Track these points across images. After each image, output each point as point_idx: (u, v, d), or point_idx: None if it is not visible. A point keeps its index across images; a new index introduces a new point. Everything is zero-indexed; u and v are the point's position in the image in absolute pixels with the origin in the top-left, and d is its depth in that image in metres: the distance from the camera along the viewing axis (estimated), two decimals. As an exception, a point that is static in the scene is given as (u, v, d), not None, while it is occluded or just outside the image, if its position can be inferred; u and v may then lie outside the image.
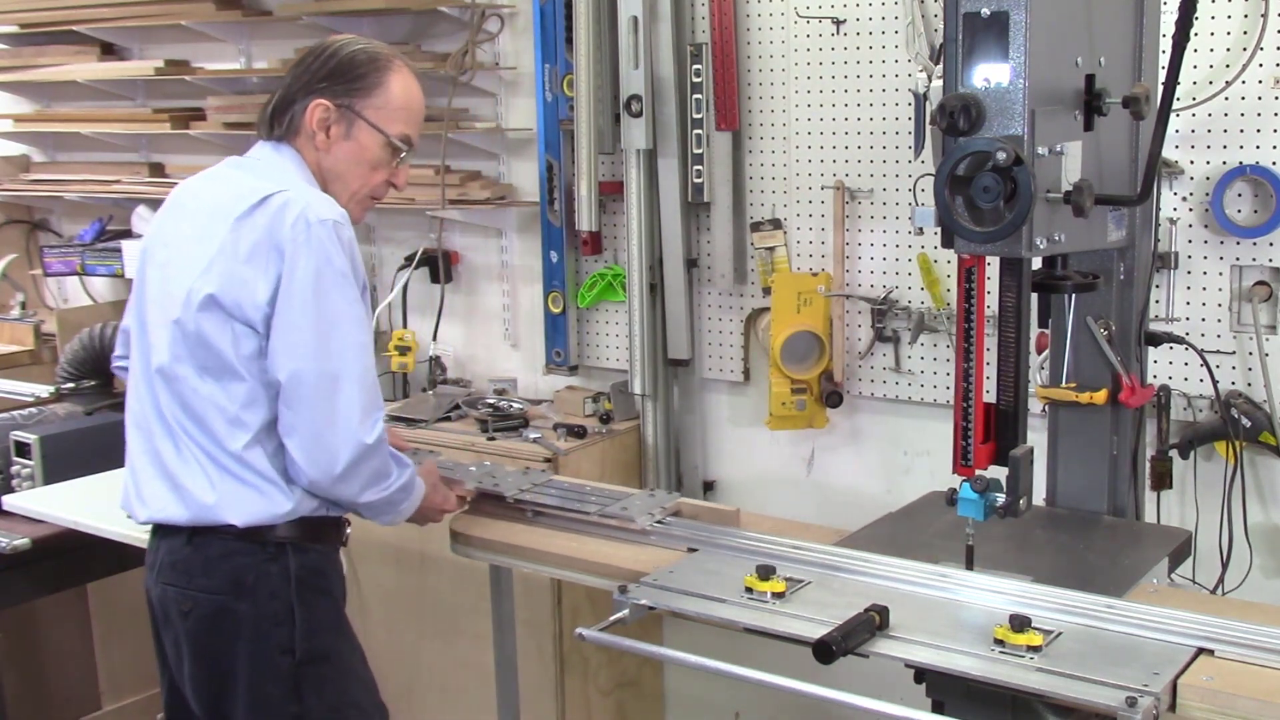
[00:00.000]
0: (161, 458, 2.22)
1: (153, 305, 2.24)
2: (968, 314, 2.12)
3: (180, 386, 2.18)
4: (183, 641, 2.24)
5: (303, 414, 2.12)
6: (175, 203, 2.33)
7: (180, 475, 2.19)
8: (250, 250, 2.12)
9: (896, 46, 3.09)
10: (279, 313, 2.11)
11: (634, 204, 3.41)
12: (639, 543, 2.47)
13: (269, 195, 2.15)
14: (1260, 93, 2.71)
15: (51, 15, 4.37)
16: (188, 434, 2.19)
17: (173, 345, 2.17)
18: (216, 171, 2.33)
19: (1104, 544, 2.40)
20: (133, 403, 2.30)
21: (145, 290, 2.27)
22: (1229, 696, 1.81)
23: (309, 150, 2.26)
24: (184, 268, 2.18)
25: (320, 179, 2.26)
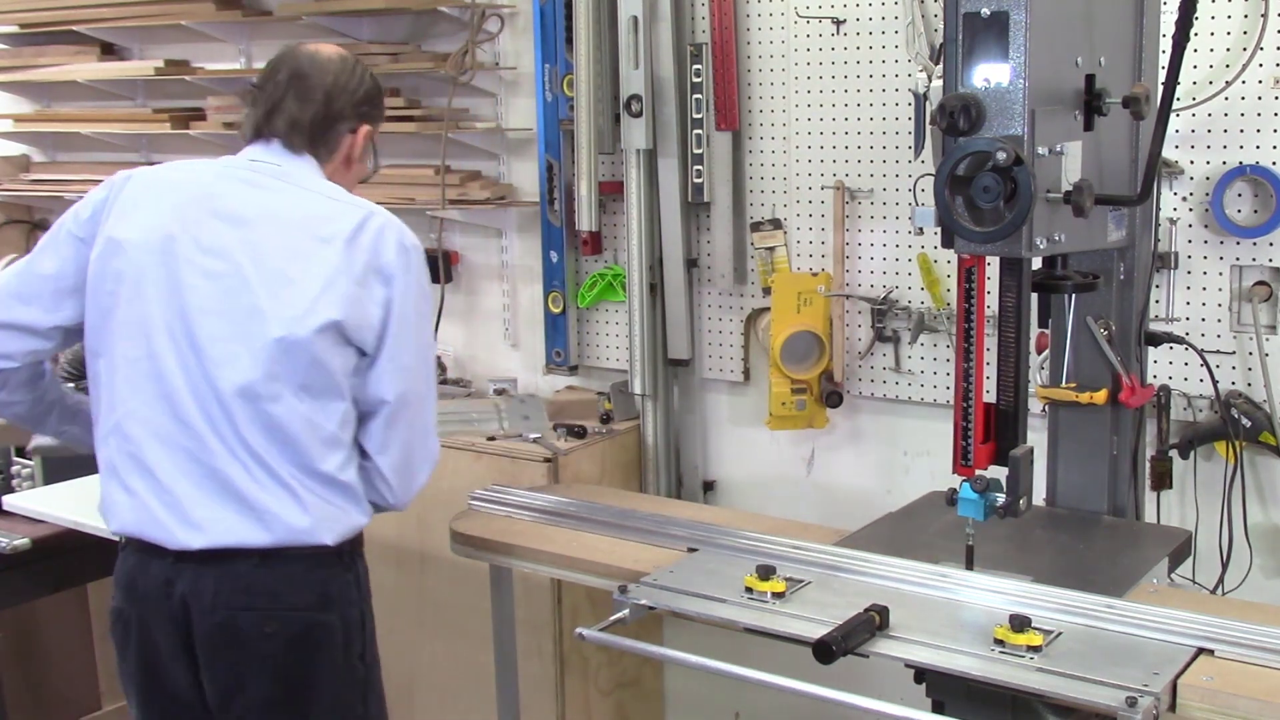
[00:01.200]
0: (227, 480, 2.10)
1: (211, 318, 2.11)
2: (968, 314, 2.12)
3: (269, 406, 2.09)
4: (254, 664, 2.14)
5: (400, 433, 2.19)
6: (213, 209, 2.16)
7: (257, 498, 2.10)
8: (362, 273, 2.13)
9: (896, 46, 3.09)
10: (391, 336, 2.15)
11: (634, 204, 3.41)
12: (639, 542, 2.47)
13: (367, 217, 2.16)
14: (1260, 93, 2.71)
15: (51, 15, 4.37)
16: (270, 455, 2.10)
17: (269, 364, 2.08)
18: (248, 178, 2.21)
19: (1104, 544, 2.40)
20: (155, 416, 2.12)
21: (186, 299, 2.12)
22: (1229, 696, 1.81)
23: (327, 164, 2.27)
24: (284, 285, 2.10)
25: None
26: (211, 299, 2.11)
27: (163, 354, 2.11)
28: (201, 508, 2.10)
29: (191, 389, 2.10)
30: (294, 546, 2.12)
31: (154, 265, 2.13)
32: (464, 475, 3.32)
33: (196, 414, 2.10)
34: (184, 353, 2.11)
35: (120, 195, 2.19)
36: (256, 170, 2.22)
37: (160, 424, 2.11)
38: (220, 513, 2.10)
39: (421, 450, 2.24)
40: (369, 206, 2.20)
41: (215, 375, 2.09)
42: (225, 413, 2.09)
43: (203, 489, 2.10)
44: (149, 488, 2.12)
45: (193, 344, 2.11)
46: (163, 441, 2.11)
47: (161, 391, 2.11)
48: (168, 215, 2.16)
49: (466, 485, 2.91)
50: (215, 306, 2.11)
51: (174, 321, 2.11)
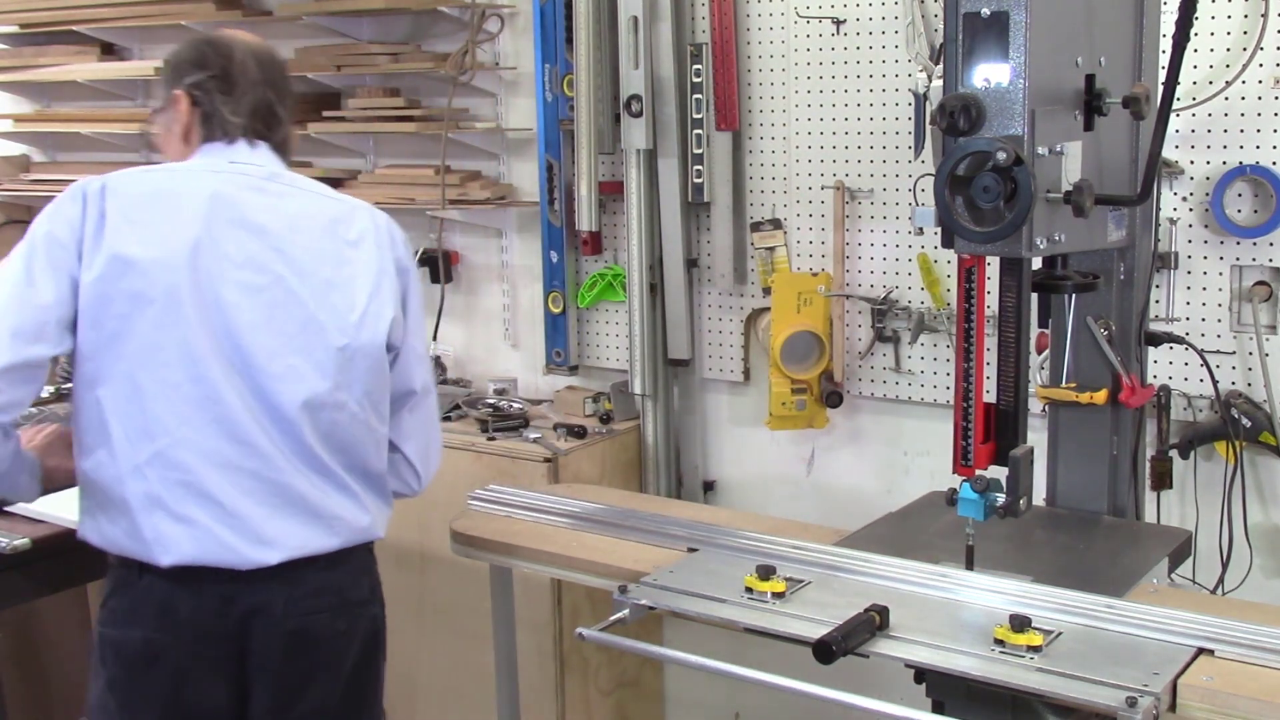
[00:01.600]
0: (295, 493, 2.07)
1: (263, 333, 2.04)
2: (968, 314, 2.12)
3: (335, 415, 2.08)
4: (324, 666, 2.14)
5: (422, 419, 2.28)
6: (232, 219, 2.07)
7: (324, 506, 2.10)
8: (394, 270, 2.20)
9: (896, 46, 3.09)
10: (410, 330, 2.22)
11: (634, 204, 3.41)
12: (639, 542, 2.47)
13: (372, 213, 2.21)
14: (1260, 93, 2.71)
15: (51, 15, 4.36)
16: (334, 462, 2.10)
17: (335, 374, 2.08)
18: (254, 185, 2.12)
19: (1104, 544, 2.40)
20: (210, 441, 2.03)
21: (231, 317, 2.03)
22: (1229, 696, 1.81)
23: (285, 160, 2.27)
24: (332, 292, 2.09)
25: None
26: (259, 314, 2.04)
27: (214, 378, 2.02)
28: (271, 524, 2.05)
29: (249, 409, 2.03)
30: (353, 546, 2.16)
31: (185, 284, 2.01)
32: (464, 475, 3.32)
33: (259, 433, 2.04)
34: (238, 373, 2.03)
35: (107, 209, 2.01)
36: (252, 174, 2.14)
37: (218, 448, 2.03)
38: (291, 525, 2.07)
39: (437, 435, 2.34)
40: (361, 202, 2.24)
41: (277, 391, 2.04)
42: (289, 428, 2.06)
43: (269, 505, 2.05)
44: (212, 515, 2.03)
45: (247, 363, 2.03)
46: (222, 466, 2.03)
47: (215, 415, 2.02)
48: (186, 228, 2.03)
49: (466, 485, 2.91)
50: (264, 322, 2.04)
51: (223, 342, 2.03)
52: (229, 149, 2.16)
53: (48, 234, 2.01)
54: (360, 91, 3.83)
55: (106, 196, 2.02)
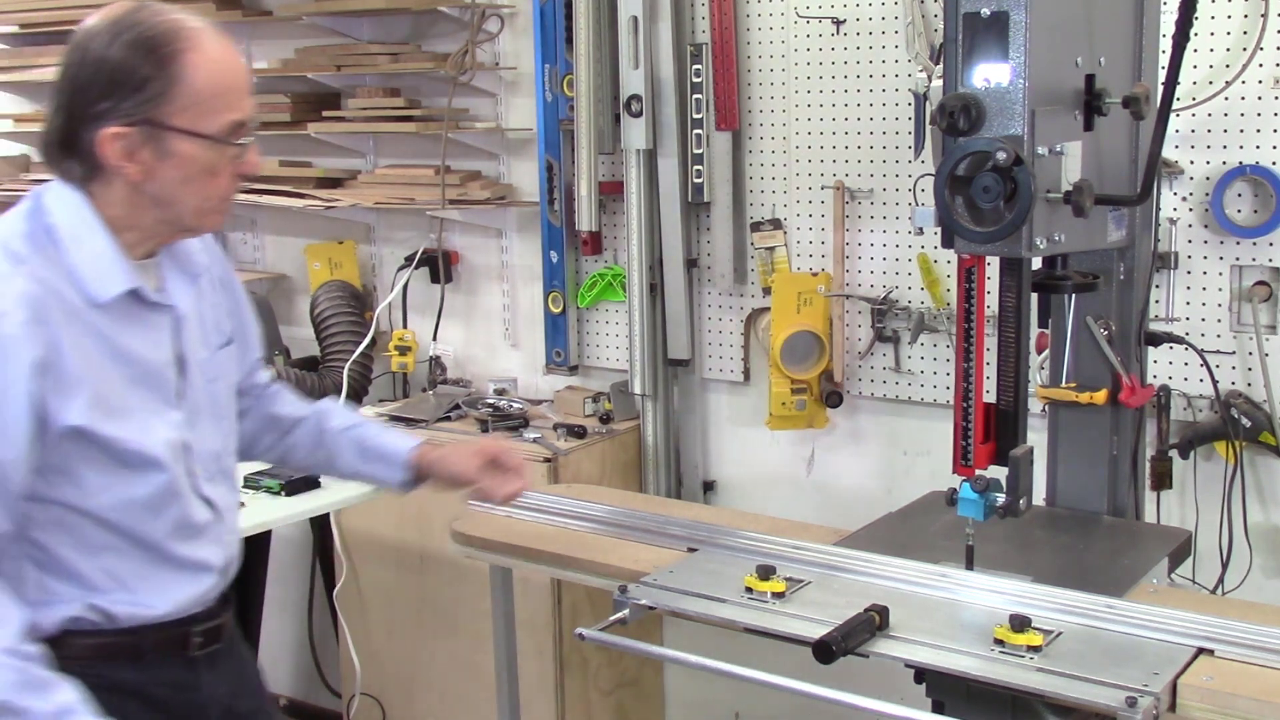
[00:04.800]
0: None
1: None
2: (968, 314, 2.12)
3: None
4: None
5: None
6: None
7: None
8: None
9: (896, 46, 3.09)
10: None
11: (634, 204, 3.41)
12: (639, 542, 2.47)
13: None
14: (1260, 93, 2.71)
15: (51, 15, 4.36)
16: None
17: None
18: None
19: (1104, 544, 2.40)
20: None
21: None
22: (1229, 696, 1.81)
23: (116, 187, 1.76)
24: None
25: (143, 212, 1.79)
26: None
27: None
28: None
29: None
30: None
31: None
32: (464, 475, 3.33)
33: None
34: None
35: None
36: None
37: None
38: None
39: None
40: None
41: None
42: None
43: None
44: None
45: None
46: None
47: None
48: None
49: (466, 485, 2.90)
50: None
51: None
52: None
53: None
54: (360, 91, 3.83)
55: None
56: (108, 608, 1.80)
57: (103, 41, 1.70)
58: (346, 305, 3.89)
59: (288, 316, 4.23)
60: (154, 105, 1.70)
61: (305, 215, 4.02)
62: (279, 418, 2.20)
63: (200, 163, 1.75)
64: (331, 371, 3.80)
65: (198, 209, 1.80)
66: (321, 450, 2.20)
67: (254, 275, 4.28)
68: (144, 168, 1.72)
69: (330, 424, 2.20)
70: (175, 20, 1.73)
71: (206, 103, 1.73)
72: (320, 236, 4.12)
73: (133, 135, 1.70)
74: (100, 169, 1.73)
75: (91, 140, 1.70)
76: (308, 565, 4.09)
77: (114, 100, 1.69)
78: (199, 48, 1.73)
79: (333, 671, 4.05)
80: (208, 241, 1.98)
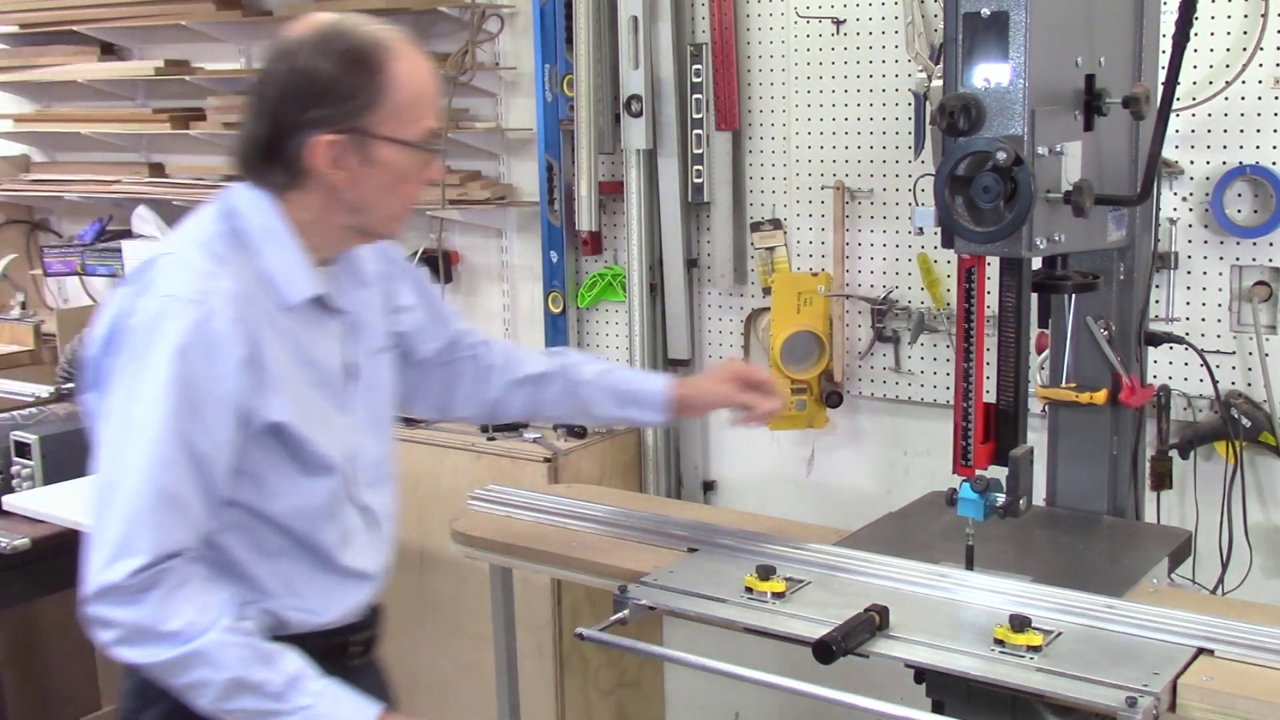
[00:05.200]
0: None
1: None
2: (968, 314, 2.12)
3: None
4: None
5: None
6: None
7: None
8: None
9: (896, 46, 3.09)
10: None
11: (634, 204, 3.41)
12: (639, 542, 2.47)
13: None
14: (1260, 93, 2.71)
15: (51, 15, 4.37)
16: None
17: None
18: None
19: (1104, 544, 2.40)
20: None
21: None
22: (1229, 696, 1.81)
23: (313, 193, 1.79)
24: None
25: (334, 218, 1.82)
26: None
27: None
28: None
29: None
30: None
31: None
32: (464, 475, 3.33)
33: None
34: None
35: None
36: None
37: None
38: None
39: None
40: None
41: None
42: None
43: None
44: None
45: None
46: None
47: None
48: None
49: (466, 485, 2.91)
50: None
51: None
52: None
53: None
54: (360, 91, 3.83)
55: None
56: (279, 613, 1.83)
57: (311, 53, 1.74)
58: (346, 305, 3.89)
59: (288, 316, 4.22)
60: (362, 114, 1.74)
61: (305, 215, 4.01)
62: (528, 378, 2.26)
63: (400, 169, 1.79)
64: (331, 371, 3.80)
65: (388, 215, 1.85)
66: (575, 401, 2.28)
67: (254, 275, 4.28)
68: (349, 174, 1.75)
69: (581, 375, 2.26)
70: (378, 32, 1.77)
71: (408, 110, 1.77)
72: (320, 236, 4.12)
73: (342, 143, 1.73)
74: (302, 175, 1.76)
75: (299, 147, 1.73)
76: (308, 565, 4.08)
77: (324, 109, 1.72)
78: (402, 58, 1.76)
79: (333, 671, 4.04)
80: (384, 245, 2.01)
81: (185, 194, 4.19)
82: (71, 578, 3.27)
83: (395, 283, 2.06)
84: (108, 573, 1.63)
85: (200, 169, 4.34)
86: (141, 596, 1.64)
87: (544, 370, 2.27)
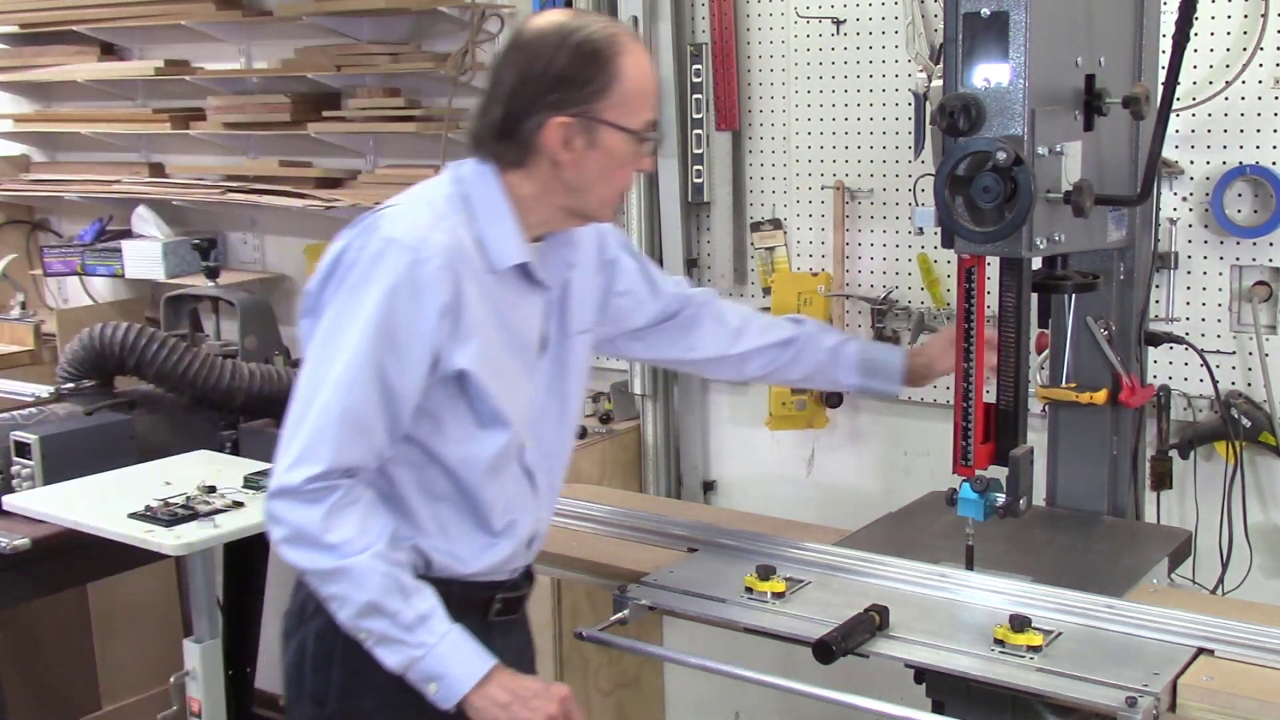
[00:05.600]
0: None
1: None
2: (968, 314, 2.12)
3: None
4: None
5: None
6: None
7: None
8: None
9: (896, 46, 3.09)
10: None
11: (634, 203, 3.41)
12: (639, 542, 2.47)
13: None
14: (1260, 93, 2.71)
15: (51, 15, 4.37)
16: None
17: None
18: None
19: (1104, 544, 2.40)
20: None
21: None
22: (1229, 696, 1.81)
23: (537, 173, 1.93)
24: None
25: (552, 198, 1.95)
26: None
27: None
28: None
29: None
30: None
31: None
32: (464, 475, 3.32)
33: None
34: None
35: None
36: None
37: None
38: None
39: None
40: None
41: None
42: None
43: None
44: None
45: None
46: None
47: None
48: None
49: (466, 485, 2.90)
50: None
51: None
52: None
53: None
54: (360, 91, 3.83)
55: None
56: (428, 553, 1.94)
57: (552, 43, 1.89)
58: (346, 305, 3.89)
59: (288, 316, 4.22)
60: (593, 100, 1.88)
61: (305, 215, 4.02)
62: (774, 343, 2.36)
63: (619, 155, 1.92)
64: (331, 371, 3.80)
65: (602, 198, 1.98)
66: (814, 367, 2.37)
67: (254, 275, 4.29)
68: (575, 156, 1.90)
69: (824, 343, 2.37)
70: (610, 27, 1.94)
71: (634, 101, 1.91)
72: (320, 236, 4.12)
73: (573, 125, 1.88)
74: (531, 154, 1.91)
75: (534, 128, 1.89)
76: (308, 565, 4.08)
77: (560, 94, 1.88)
78: (631, 52, 1.91)
79: (333, 671, 4.04)
80: (601, 228, 2.14)
81: (185, 194, 4.19)
82: (72, 578, 3.27)
83: (616, 268, 2.20)
84: (288, 475, 1.80)
85: (200, 169, 4.34)
86: (312, 504, 1.79)
87: (789, 336, 2.36)
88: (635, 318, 2.28)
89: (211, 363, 3.42)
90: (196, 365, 3.39)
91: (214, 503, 2.72)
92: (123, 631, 3.97)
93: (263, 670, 3.99)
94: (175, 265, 4.23)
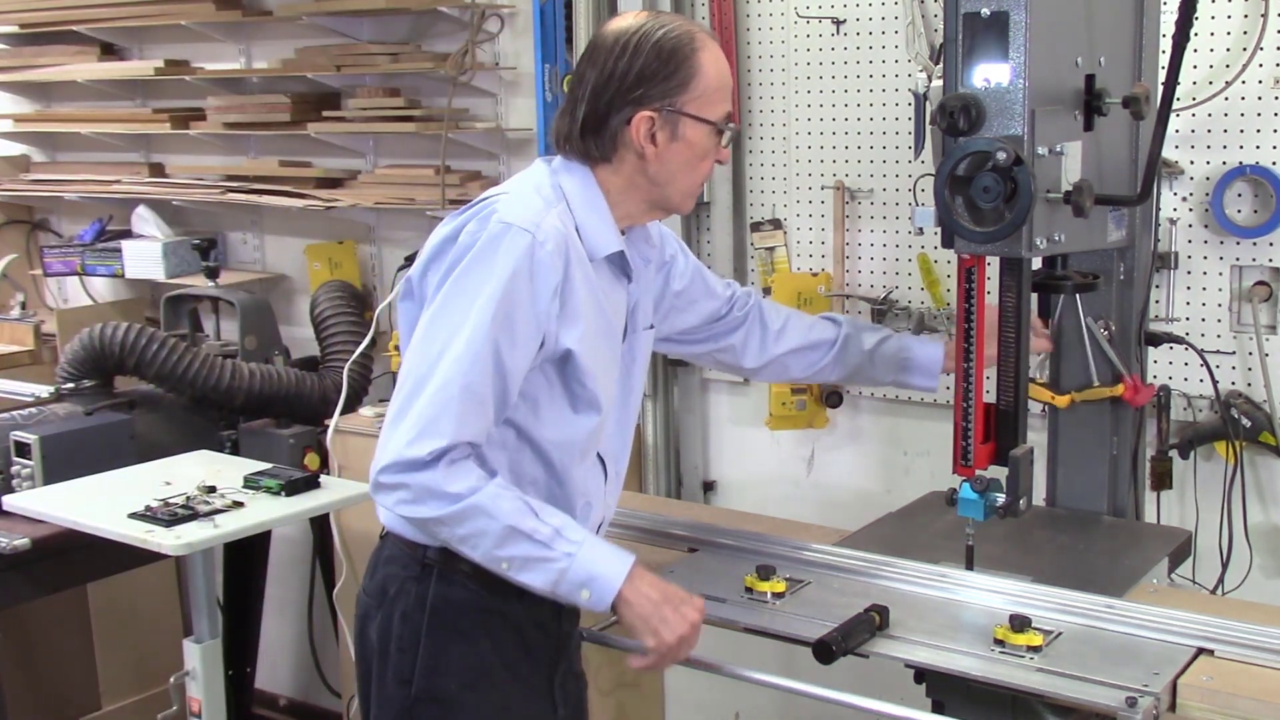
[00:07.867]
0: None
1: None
2: (968, 314, 2.12)
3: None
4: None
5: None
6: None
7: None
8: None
9: (896, 46, 3.09)
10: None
11: (634, 204, 3.40)
12: (639, 542, 2.47)
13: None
14: (1260, 93, 2.71)
15: (51, 15, 4.37)
16: None
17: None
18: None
19: (1104, 544, 2.40)
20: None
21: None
22: (1229, 696, 1.81)
23: (624, 167, 2.04)
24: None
25: (637, 190, 2.06)
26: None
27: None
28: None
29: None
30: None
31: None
32: (464, 475, 3.32)
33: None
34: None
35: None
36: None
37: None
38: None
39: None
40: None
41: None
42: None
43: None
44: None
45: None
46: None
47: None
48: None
49: (466, 485, 2.90)
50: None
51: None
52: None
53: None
54: (360, 91, 3.83)
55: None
56: None
57: (634, 42, 2.00)
58: (346, 305, 3.89)
59: (288, 316, 4.23)
60: (676, 94, 2.00)
61: (305, 215, 4.02)
62: (814, 343, 2.46)
63: (699, 148, 2.04)
64: (331, 371, 3.80)
65: (684, 190, 2.08)
66: (853, 367, 2.48)
67: (254, 275, 4.28)
68: (659, 149, 2.01)
69: (863, 345, 2.46)
70: (687, 25, 2.05)
71: (712, 94, 2.03)
72: (320, 236, 4.13)
73: (657, 119, 1.99)
74: (617, 149, 2.02)
75: (621, 122, 2.00)
76: (308, 565, 4.09)
77: (644, 89, 1.99)
78: (708, 49, 2.03)
79: (333, 671, 4.05)
80: (661, 229, 2.26)
81: (185, 194, 4.19)
82: (72, 578, 3.27)
83: (673, 267, 2.30)
84: (411, 448, 1.86)
85: (200, 169, 4.34)
86: (433, 465, 1.86)
87: (828, 336, 2.45)
88: (688, 317, 2.35)
89: (211, 363, 3.43)
90: (196, 365, 3.39)
91: (214, 503, 2.73)
92: (123, 631, 3.97)
93: (262, 670, 3.99)
94: (175, 265, 4.23)
